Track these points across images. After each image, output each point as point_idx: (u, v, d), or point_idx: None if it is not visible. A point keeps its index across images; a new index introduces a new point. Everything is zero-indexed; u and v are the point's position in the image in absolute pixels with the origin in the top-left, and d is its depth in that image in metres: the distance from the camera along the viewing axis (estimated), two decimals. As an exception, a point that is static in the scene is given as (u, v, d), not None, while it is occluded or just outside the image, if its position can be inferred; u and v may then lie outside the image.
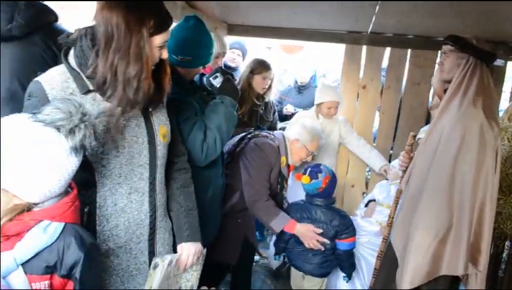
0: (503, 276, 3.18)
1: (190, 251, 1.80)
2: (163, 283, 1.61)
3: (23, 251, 1.16)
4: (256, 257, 4.08)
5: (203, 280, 1.94)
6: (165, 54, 1.53)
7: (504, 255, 3.22)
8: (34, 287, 1.18)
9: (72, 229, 1.23)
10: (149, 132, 1.60)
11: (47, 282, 1.20)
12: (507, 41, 3.23)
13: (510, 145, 2.71)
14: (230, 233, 2.65)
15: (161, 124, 1.66)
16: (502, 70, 3.37)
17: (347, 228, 2.68)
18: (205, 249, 1.92)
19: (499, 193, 2.44)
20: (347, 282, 2.81)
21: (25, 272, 1.16)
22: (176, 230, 1.83)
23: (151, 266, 1.64)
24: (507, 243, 3.03)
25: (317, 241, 2.63)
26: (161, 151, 1.65)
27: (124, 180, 1.56)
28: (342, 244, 2.70)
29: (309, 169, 2.75)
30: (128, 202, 1.58)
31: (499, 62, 3.04)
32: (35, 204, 1.18)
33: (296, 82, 4.92)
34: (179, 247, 1.81)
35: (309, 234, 2.65)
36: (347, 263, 2.72)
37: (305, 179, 2.71)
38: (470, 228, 2.04)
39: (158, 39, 1.46)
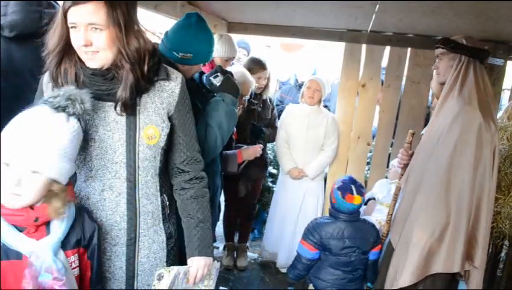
0: (501, 275, 3.18)
1: (200, 265, 1.68)
2: None
3: (61, 231, 1.32)
4: (255, 255, 4.10)
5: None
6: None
7: (502, 254, 3.23)
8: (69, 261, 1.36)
9: (78, 206, 1.44)
10: (129, 130, 1.51)
11: (76, 255, 1.39)
12: (507, 41, 3.22)
13: (509, 145, 2.70)
14: None
15: (149, 124, 1.54)
16: (501, 70, 3.36)
17: (377, 236, 2.58)
18: (219, 263, 1.84)
19: (498, 193, 2.44)
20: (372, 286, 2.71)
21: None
22: (186, 243, 1.71)
23: (156, 277, 1.56)
24: (505, 242, 3.03)
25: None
26: (144, 152, 1.54)
27: (96, 174, 1.52)
28: (373, 253, 2.58)
29: (353, 186, 2.50)
30: (100, 199, 1.54)
31: (498, 61, 3.06)
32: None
33: (296, 80, 4.92)
34: (189, 260, 1.69)
35: (251, 150, 2.88)
36: (373, 271, 2.60)
37: (358, 199, 2.48)
38: (467, 226, 2.05)
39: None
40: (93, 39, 1.37)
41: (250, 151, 2.93)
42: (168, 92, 1.59)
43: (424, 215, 2.10)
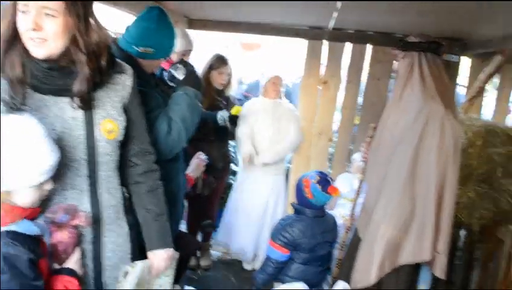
0: (460, 263, 3.29)
1: (162, 257, 1.71)
2: None
3: None
4: (218, 253, 4.06)
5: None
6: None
7: (460, 243, 3.34)
8: None
9: None
10: (88, 126, 1.48)
11: None
12: (463, 38, 3.35)
13: (467, 138, 2.81)
14: None
15: (107, 118, 1.52)
16: (455, 66, 3.49)
17: (335, 224, 2.65)
18: (177, 253, 1.84)
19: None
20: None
21: None
22: (145, 237, 1.72)
23: (122, 274, 1.58)
24: (462, 231, 3.15)
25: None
26: (104, 147, 1.52)
27: (56, 174, 1.45)
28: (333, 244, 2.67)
29: (329, 178, 2.52)
30: (62, 199, 1.48)
31: (454, 58, 3.19)
32: None
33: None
34: (150, 253, 1.70)
35: (194, 165, 2.62)
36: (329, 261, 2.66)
37: (338, 189, 2.54)
38: (434, 215, 2.10)
39: None
40: (44, 25, 1.30)
41: (194, 167, 2.65)
42: (121, 84, 1.58)
43: (390, 208, 2.14)
